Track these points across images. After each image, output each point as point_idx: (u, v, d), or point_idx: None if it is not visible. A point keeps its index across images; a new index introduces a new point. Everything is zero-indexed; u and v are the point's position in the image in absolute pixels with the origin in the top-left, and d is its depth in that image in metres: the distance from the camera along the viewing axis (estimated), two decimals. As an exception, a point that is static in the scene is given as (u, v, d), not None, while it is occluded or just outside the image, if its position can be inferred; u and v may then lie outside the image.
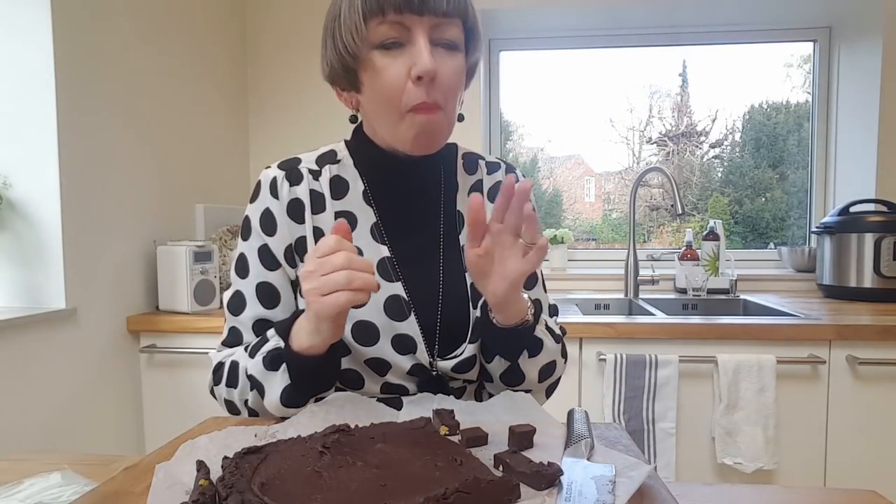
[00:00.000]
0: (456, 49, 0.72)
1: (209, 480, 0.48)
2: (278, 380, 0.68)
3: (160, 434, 1.65)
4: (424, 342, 0.76)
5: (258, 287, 0.78)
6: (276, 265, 0.78)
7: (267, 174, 0.79)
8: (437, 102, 0.70)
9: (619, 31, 2.38)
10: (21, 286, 1.41)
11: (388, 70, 0.69)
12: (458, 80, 0.73)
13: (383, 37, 0.69)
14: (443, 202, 0.83)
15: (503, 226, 0.64)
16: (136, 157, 1.67)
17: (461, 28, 0.72)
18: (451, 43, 0.71)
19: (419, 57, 0.67)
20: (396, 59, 0.69)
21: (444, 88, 0.70)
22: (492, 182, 0.86)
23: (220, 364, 0.77)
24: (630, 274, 2.08)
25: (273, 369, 0.68)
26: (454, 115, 0.75)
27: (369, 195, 0.80)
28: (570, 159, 2.81)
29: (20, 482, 0.60)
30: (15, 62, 1.37)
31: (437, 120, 0.71)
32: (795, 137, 2.51)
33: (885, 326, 1.48)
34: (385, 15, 0.67)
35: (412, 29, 0.68)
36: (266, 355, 0.69)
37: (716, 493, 0.59)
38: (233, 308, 0.79)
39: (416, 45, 0.68)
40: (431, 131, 0.72)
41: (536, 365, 0.76)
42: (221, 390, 0.76)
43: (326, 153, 0.83)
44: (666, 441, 1.49)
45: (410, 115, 0.70)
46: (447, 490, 0.44)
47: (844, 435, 1.49)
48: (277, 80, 2.28)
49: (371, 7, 0.68)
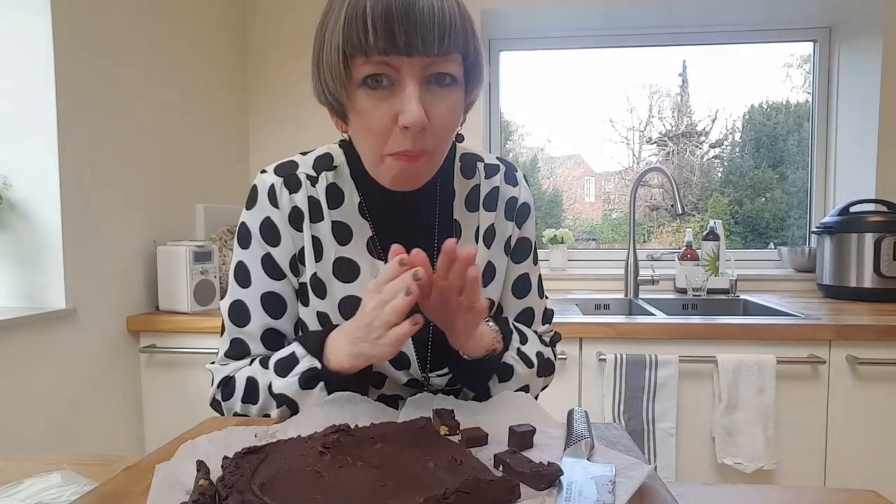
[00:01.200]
0: (453, 84, 0.64)
1: (209, 480, 0.47)
2: (314, 398, 0.68)
3: (160, 434, 1.65)
4: (417, 359, 0.76)
5: (264, 297, 0.75)
6: (281, 275, 0.76)
7: (264, 180, 0.75)
8: (423, 149, 0.65)
9: (619, 31, 2.38)
10: (21, 286, 1.41)
11: (373, 113, 0.63)
12: (453, 121, 0.66)
13: (367, 74, 0.62)
14: (439, 211, 0.79)
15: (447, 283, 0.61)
16: (136, 157, 1.67)
17: (460, 63, 0.65)
18: (447, 77, 0.63)
19: (406, 106, 0.61)
20: (383, 101, 0.62)
21: (436, 132, 0.64)
22: (489, 188, 0.81)
23: (228, 378, 0.75)
24: (630, 274, 2.08)
25: (309, 388, 0.68)
26: (444, 153, 0.70)
27: (365, 208, 0.77)
28: (570, 159, 2.81)
29: (20, 482, 0.60)
30: (15, 62, 1.37)
31: (418, 167, 0.66)
32: (795, 137, 2.51)
33: (885, 326, 1.48)
34: (368, 56, 0.60)
35: (401, 69, 0.61)
36: (300, 376, 0.68)
37: (716, 493, 0.59)
38: (235, 318, 0.76)
39: (405, 92, 0.61)
40: (411, 176, 0.68)
41: (508, 390, 0.75)
42: (234, 405, 0.74)
43: (323, 157, 0.79)
44: (666, 441, 1.49)
45: (391, 159, 0.66)
46: (447, 490, 0.44)
47: (844, 435, 1.49)
48: (277, 81, 2.28)
49: (352, 48, 0.60)
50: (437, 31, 0.59)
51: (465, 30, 0.63)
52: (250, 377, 0.72)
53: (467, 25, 0.63)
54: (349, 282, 0.76)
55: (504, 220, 0.82)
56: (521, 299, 0.84)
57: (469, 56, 0.65)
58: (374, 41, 0.59)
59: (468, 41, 0.64)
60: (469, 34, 0.64)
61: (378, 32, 0.59)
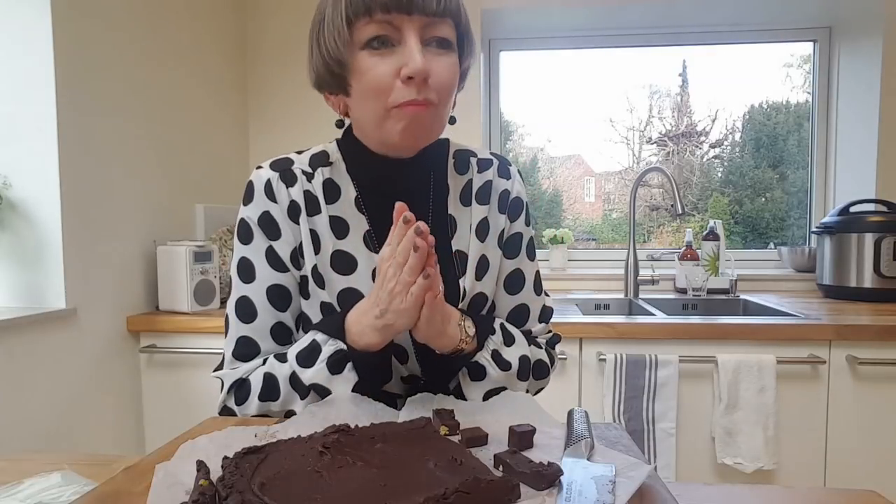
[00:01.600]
0: (449, 48, 0.69)
1: (209, 480, 0.47)
2: (345, 381, 0.69)
3: (160, 434, 1.65)
4: (415, 352, 0.77)
5: (270, 290, 0.76)
6: (285, 268, 0.76)
7: (260, 175, 0.77)
8: (428, 99, 0.67)
9: (619, 31, 2.38)
10: (21, 286, 1.41)
11: (376, 69, 0.66)
12: (452, 78, 0.70)
13: (370, 35, 0.66)
14: (433, 207, 0.80)
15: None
16: (136, 157, 1.67)
17: (454, 28, 0.70)
18: (444, 41, 0.68)
19: (410, 57, 0.65)
20: (385, 58, 0.66)
21: (438, 86, 0.67)
22: (482, 181, 0.82)
23: (241, 381, 0.74)
24: (630, 274, 2.08)
25: (338, 372, 0.69)
26: (446, 113, 0.73)
27: (361, 202, 0.78)
28: (570, 159, 2.81)
29: (20, 482, 0.60)
30: (15, 62, 1.37)
31: (426, 114, 0.68)
32: (795, 137, 2.51)
33: (885, 326, 1.48)
34: (372, 15, 0.65)
35: (401, 28, 0.65)
36: (328, 361, 0.69)
37: (716, 493, 0.59)
38: (242, 315, 0.76)
39: (407, 45, 0.65)
40: (420, 124, 0.69)
41: (479, 389, 0.75)
42: (249, 407, 0.73)
43: (319, 154, 0.80)
44: (666, 441, 1.49)
45: (397, 111, 0.67)
46: (447, 490, 0.44)
47: (844, 435, 1.49)
48: (277, 80, 2.28)
49: (356, 8, 0.65)
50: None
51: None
52: (267, 373, 0.72)
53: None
54: (347, 274, 0.76)
55: (497, 213, 0.82)
56: (513, 295, 0.83)
57: (461, 23, 0.71)
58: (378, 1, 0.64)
59: (460, 8, 0.70)
60: (460, 2, 0.70)
61: None
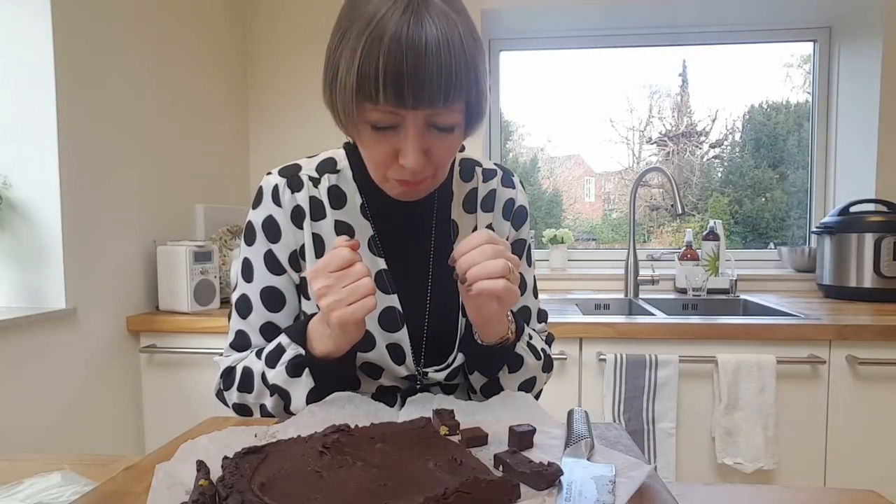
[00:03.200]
0: (453, 130, 0.68)
1: (209, 480, 0.48)
2: (302, 385, 0.71)
3: (160, 434, 1.65)
4: (412, 353, 0.78)
5: (263, 291, 0.79)
6: (282, 270, 0.79)
7: (268, 181, 0.80)
8: (424, 178, 0.70)
9: (619, 31, 2.38)
10: (21, 286, 1.41)
11: (377, 148, 0.68)
12: (452, 153, 0.71)
13: (374, 120, 0.65)
14: (437, 212, 0.83)
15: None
16: (137, 157, 1.67)
17: (463, 111, 0.67)
18: (448, 127, 0.67)
19: (407, 153, 0.65)
20: (387, 139, 0.66)
21: (435, 165, 0.69)
22: (486, 190, 0.85)
23: (230, 369, 0.79)
24: (630, 274, 2.08)
25: (296, 376, 0.71)
26: (445, 174, 0.75)
27: (367, 209, 0.81)
28: (570, 159, 2.81)
29: (20, 482, 0.60)
30: (15, 62, 1.37)
31: (423, 186, 0.72)
32: (795, 137, 2.51)
33: (885, 326, 1.48)
34: (377, 104, 0.63)
35: (405, 118, 0.64)
36: (287, 364, 0.71)
37: (716, 493, 0.59)
38: (241, 310, 0.80)
39: (406, 138, 0.65)
40: (414, 194, 0.74)
41: (516, 380, 0.78)
42: (232, 395, 0.78)
43: (326, 161, 0.83)
44: (666, 441, 1.49)
45: (395, 181, 0.71)
46: (447, 490, 0.44)
47: (844, 435, 1.49)
48: (278, 80, 2.28)
49: (364, 93, 0.62)
50: (444, 88, 0.61)
51: (470, 77, 0.64)
52: (246, 367, 0.76)
53: (471, 71, 0.64)
54: None
55: (502, 219, 0.86)
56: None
57: (471, 101, 0.67)
58: (384, 97, 0.61)
59: (471, 87, 0.65)
60: (472, 80, 0.64)
61: (388, 90, 0.61)
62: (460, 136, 0.70)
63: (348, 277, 0.63)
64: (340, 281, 0.63)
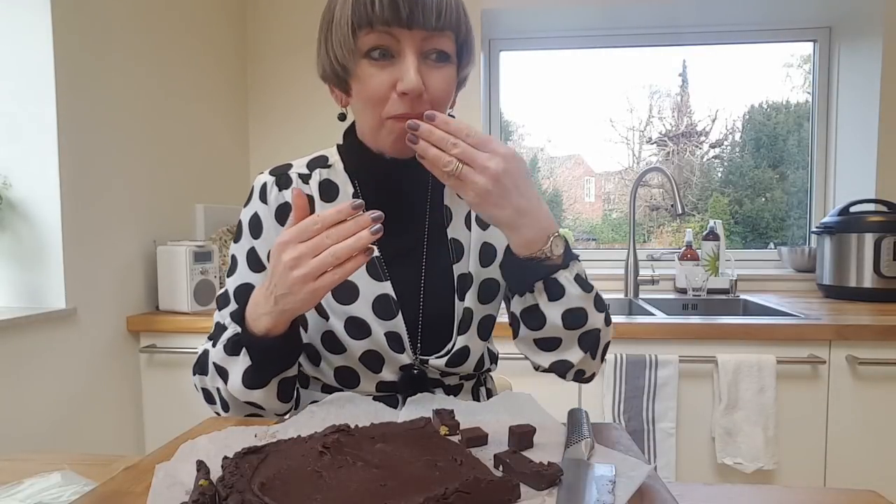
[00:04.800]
0: (447, 61, 0.71)
1: (209, 480, 0.48)
2: (239, 363, 0.70)
3: (160, 434, 1.65)
4: (409, 340, 0.78)
5: (239, 288, 0.80)
6: (261, 267, 0.81)
7: (259, 179, 0.82)
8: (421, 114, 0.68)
9: (619, 31, 2.38)
10: (21, 286, 1.41)
11: (374, 80, 0.69)
12: (448, 91, 0.72)
13: (371, 45, 0.68)
14: (430, 197, 0.83)
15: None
16: (137, 157, 1.67)
17: (453, 41, 0.72)
18: (442, 54, 0.70)
19: (405, 73, 0.67)
20: (383, 69, 0.69)
21: (433, 99, 0.70)
22: None
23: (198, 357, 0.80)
24: (630, 274, 2.08)
25: (234, 354, 0.71)
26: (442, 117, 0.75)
27: (359, 196, 0.81)
28: (570, 159, 2.81)
29: (20, 482, 0.60)
30: (15, 62, 1.37)
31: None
32: (795, 137, 2.51)
33: (885, 326, 1.48)
34: (373, 26, 0.67)
35: (401, 41, 0.68)
36: (227, 342, 0.71)
37: (716, 493, 0.59)
38: (220, 304, 0.82)
39: (404, 61, 0.68)
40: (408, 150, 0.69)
41: (558, 308, 0.70)
42: (196, 379, 0.79)
43: (318, 158, 0.84)
44: (666, 441, 1.49)
45: (391, 122, 0.71)
46: (447, 490, 0.44)
47: (844, 435, 1.49)
48: (278, 80, 2.28)
49: (360, 19, 0.67)
50: (435, 7, 0.67)
51: (459, 10, 0.71)
52: (205, 350, 0.78)
53: (460, 8, 0.71)
54: None
55: None
56: None
57: (461, 35, 0.72)
58: (379, 12, 0.66)
59: (461, 21, 0.71)
60: (461, 15, 0.71)
61: (384, 4, 0.66)
62: (453, 73, 0.73)
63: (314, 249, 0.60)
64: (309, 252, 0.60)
